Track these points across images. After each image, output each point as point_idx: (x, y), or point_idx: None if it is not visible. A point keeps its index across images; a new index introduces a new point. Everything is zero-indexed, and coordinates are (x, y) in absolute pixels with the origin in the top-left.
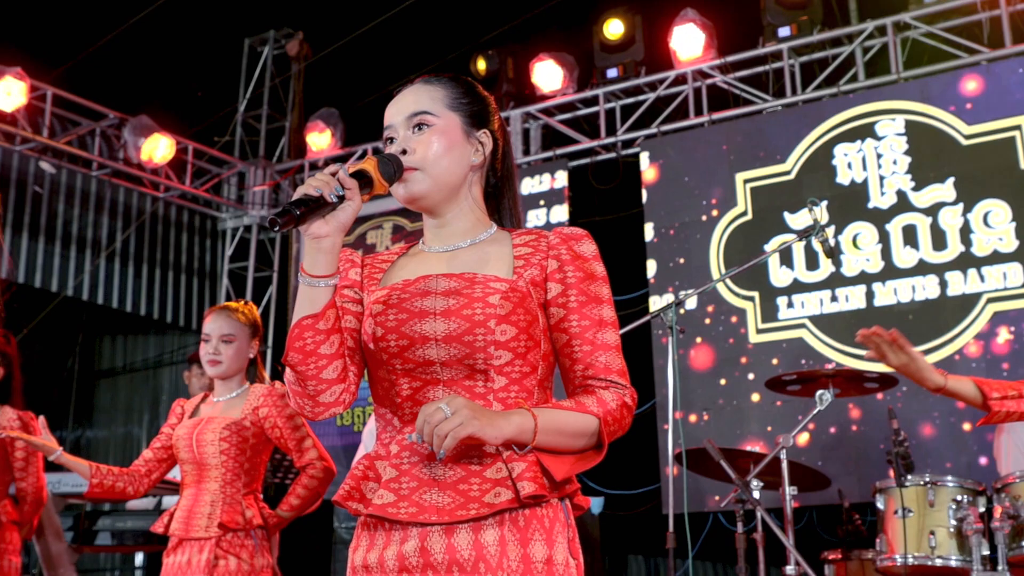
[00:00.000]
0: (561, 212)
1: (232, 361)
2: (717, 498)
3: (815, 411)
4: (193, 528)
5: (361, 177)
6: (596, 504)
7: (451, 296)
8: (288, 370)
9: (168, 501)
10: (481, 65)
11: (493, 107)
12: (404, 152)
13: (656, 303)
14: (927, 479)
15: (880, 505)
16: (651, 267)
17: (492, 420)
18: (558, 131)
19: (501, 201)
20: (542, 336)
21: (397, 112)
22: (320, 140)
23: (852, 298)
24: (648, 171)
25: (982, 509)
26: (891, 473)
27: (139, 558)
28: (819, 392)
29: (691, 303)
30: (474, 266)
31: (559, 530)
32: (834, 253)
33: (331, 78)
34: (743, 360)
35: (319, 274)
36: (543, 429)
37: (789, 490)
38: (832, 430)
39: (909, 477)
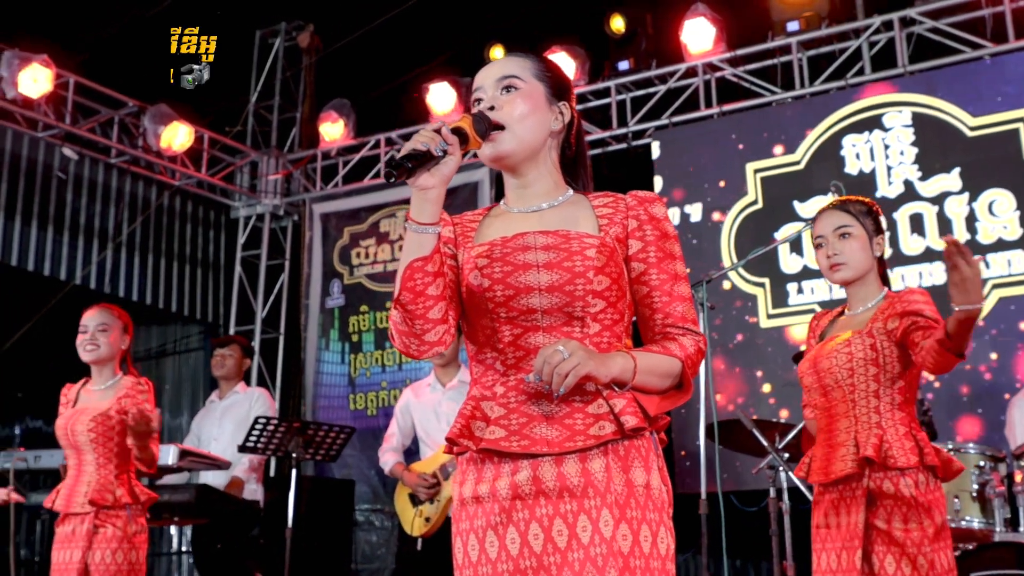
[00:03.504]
0: None
1: (106, 349)
2: (727, 476)
3: None
4: (73, 504)
5: (459, 134)
6: None
7: (550, 250)
8: (395, 311)
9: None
10: (496, 55)
11: (572, 86)
12: (492, 108)
13: None
14: (951, 446)
15: None
16: None
17: (603, 361)
18: None
19: (576, 170)
20: (627, 287)
21: (487, 76)
22: (333, 130)
23: None
24: (659, 161)
25: (1003, 474)
26: None
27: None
28: None
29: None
30: (562, 224)
31: (653, 459)
32: None
33: (341, 69)
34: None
35: (426, 221)
36: (641, 370)
37: None
38: None
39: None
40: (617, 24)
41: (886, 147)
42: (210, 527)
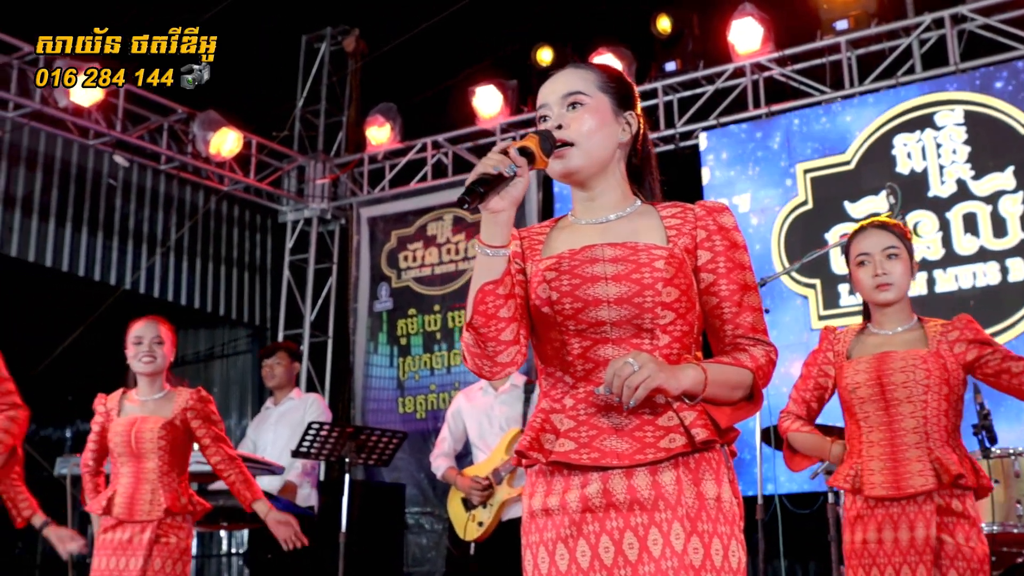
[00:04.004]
0: None
1: (163, 361)
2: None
3: None
4: (137, 512)
5: (526, 154)
6: None
7: (619, 262)
8: (467, 334)
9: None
10: (544, 57)
11: (636, 94)
12: (559, 127)
13: None
14: (1012, 450)
15: None
16: None
17: (674, 373)
18: None
19: (643, 179)
20: (696, 298)
21: (551, 92)
22: (379, 134)
23: (913, 285)
24: (707, 162)
25: None
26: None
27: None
28: None
29: None
30: (630, 236)
31: (723, 471)
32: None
33: (387, 73)
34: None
35: (496, 244)
36: (711, 382)
37: None
38: None
39: (994, 449)
40: (663, 25)
41: (938, 146)
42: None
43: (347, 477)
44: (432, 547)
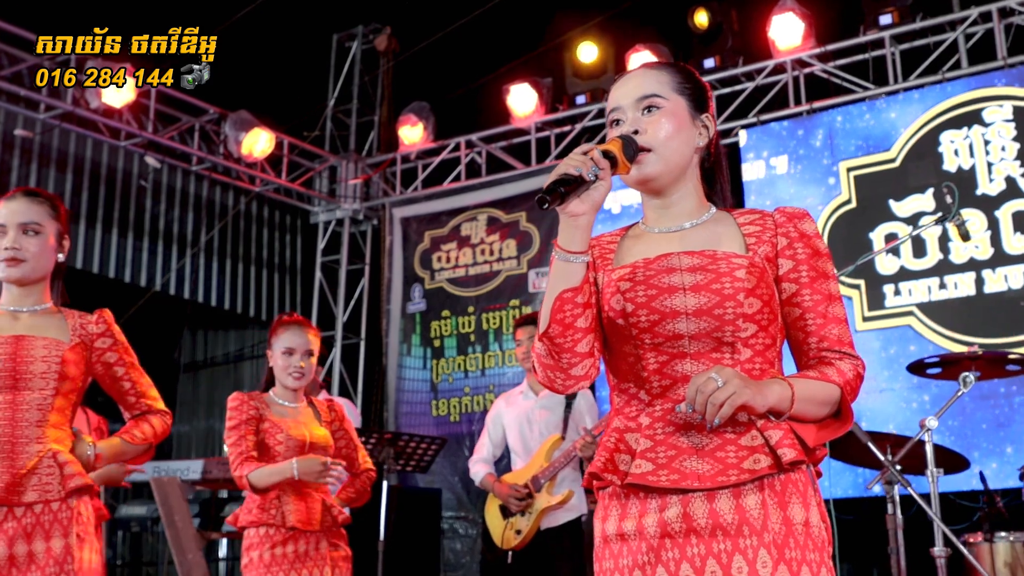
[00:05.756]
0: None
1: (312, 374)
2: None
3: (959, 393)
4: (313, 523)
5: (608, 158)
6: None
7: (697, 272)
8: (540, 344)
9: None
10: (587, 54)
11: (710, 94)
12: (636, 132)
13: None
14: None
15: None
16: None
17: (760, 389)
18: None
19: (714, 183)
20: (778, 310)
21: (625, 95)
22: (412, 133)
23: (961, 285)
24: (748, 160)
25: None
26: None
27: None
28: (963, 374)
29: None
30: (707, 244)
31: (811, 494)
32: (968, 235)
33: (419, 72)
34: None
35: (575, 250)
36: (799, 398)
37: (936, 471)
38: None
39: None
40: (701, 20)
41: (986, 143)
42: None
43: (384, 484)
44: (466, 552)
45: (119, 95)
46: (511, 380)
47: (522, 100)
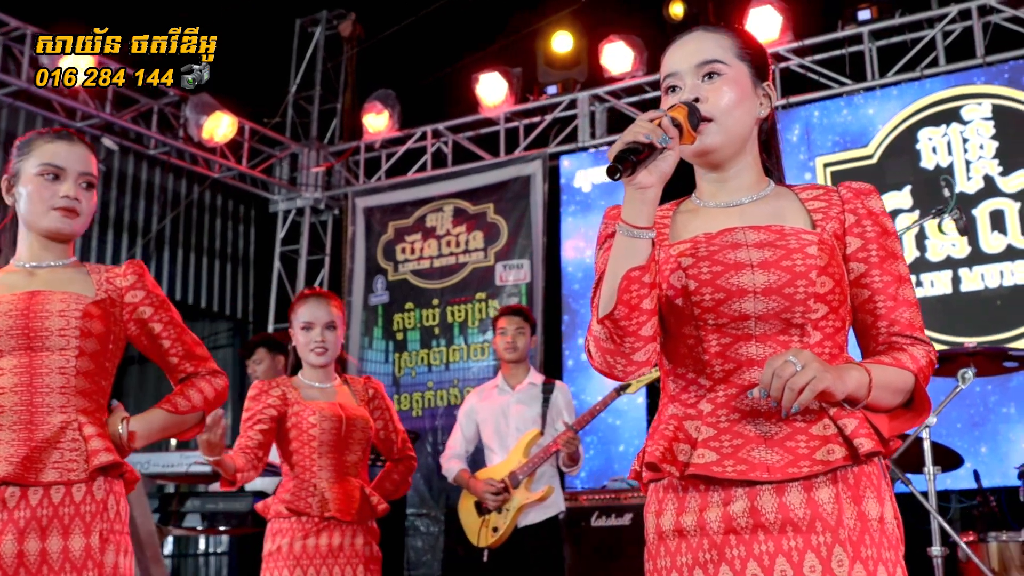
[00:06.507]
0: None
1: (335, 349)
2: None
3: (957, 389)
4: (348, 512)
5: (676, 126)
6: None
7: (765, 248)
8: (600, 327)
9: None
10: (561, 44)
11: (770, 60)
12: (696, 100)
13: None
14: None
15: None
16: None
17: (839, 374)
18: (624, 114)
19: (770, 156)
20: (848, 290)
21: (683, 59)
22: (377, 122)
23: (937, 283)
24: None
25: None
26: None
27: (224, 541)
28: (961, 370)
29: None
30: (771, 219)
31: (885, 488)
32: (968, 230)
33: (384, 59)
34: None
35: (642, 225)
36: (876, 385)
37: (933, 470)
38: None
39: None
40: (676, 10)
41: (964, 141)
42: (252, 538)
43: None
44: (428, 550)
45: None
46: (476, 375)
47: (491, 89)
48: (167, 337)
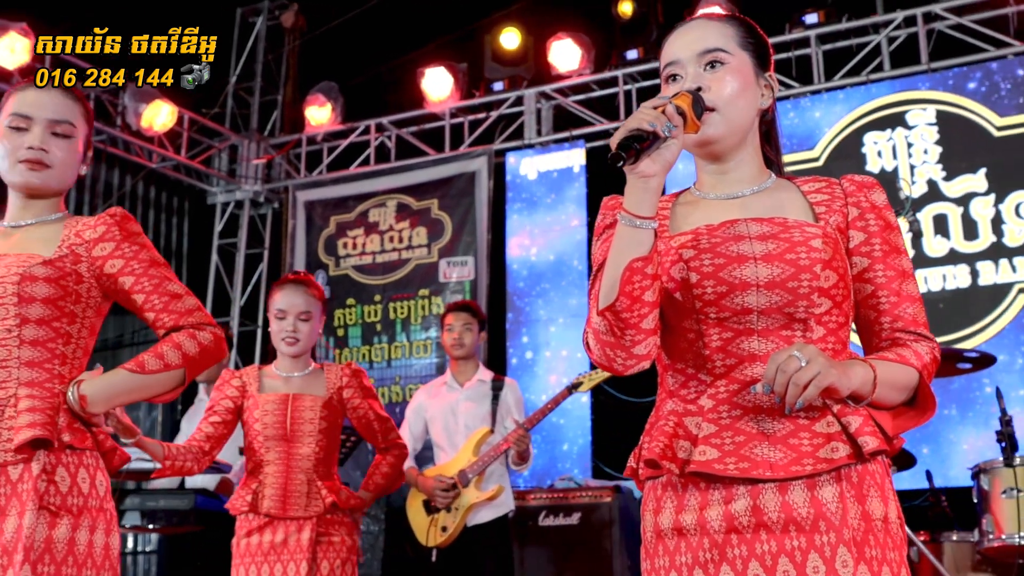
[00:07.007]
0: (579, 190)
1: (308, 339)
2: None
3: None
4: (291, 507)
5: (680, 114)
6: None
7: (768, 240)
8: (600, 319)
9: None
10: (509, 41)
11: (772, 51)
12: (699, 89)
13: None
14: None
15: (985, 486)
16: None
17: (844, 370)
18: (571, 112)
19: (771, 147)
20: (851, 285)
21: (684, 47)
22: (319, 114)
23: None
24: None
25: None
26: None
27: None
28: None
29: None
30: (773, 211)
31: (888, 487)
32: (921, 232)
33: (327, 51)
34: None
35: (645, 215)
36: (880, 382)
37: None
38: None
39: (1017, 456)
40: (625, 9)
41: (909, 145)
42: (182, 538)
43: None
44: (367, 549)
45: (13, 56)
46: (418, 372)
47: (437, 84)
48: (140, 291)
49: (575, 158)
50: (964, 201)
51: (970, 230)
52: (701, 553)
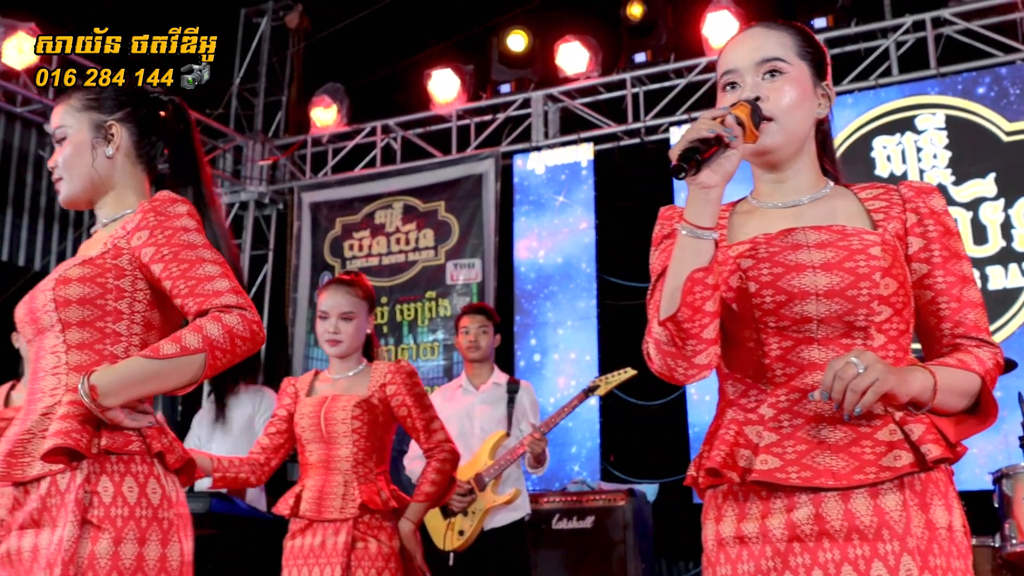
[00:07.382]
0: (587, 193)
1: (352, 339)
2: None
3: None
4: (326, 510)
5: (739, 124)
6: (651, 491)
7: (827, 248)
8: (662, 329)
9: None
10: (516, 43)
11: (829, 60)
12: (757, 99)
13: None
14: None
15: (1007, 491)
16: None
17: (903, 376)
18: (578, 114)
19: (827, 156)
20: (911, 292)
21: (743, 55)
22: (325, 116)
23: None
24: None
25: None
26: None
27: None
28: None
29: None
30: (831, 219)
31: (952, 495)
32: None
33: (332, 52)
34: None
35: (706, 225)
36: (941, 388)
37: None
38: None
39: None
40: (634, 11)
41: (919, 150)
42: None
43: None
44: None
45: (20, 57)
46: (425, 375)
47: (443, 86)
48: (168, 276)
49: (583, 153)
50: (973, 206)
51: (979, 235)
52: (763, 561)
